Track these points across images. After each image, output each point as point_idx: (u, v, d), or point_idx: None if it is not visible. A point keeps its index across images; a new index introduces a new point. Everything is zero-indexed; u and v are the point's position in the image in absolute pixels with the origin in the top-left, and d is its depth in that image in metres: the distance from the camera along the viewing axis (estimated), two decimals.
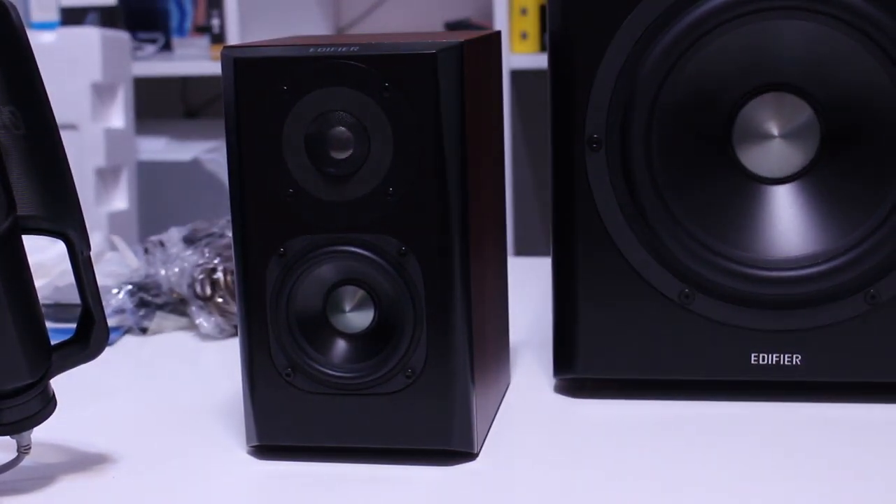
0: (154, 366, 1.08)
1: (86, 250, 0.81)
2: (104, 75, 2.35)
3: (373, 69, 0.80)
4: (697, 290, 0.91)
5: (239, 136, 0.82)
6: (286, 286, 0.83)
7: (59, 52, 2.32)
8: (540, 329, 1.08)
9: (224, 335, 1.13)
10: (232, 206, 0.84)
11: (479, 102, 0.86)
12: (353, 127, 0.81)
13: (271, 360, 0.84)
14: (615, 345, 0.93)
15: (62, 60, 2.31)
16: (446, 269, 0.82)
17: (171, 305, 1.16)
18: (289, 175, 0.82)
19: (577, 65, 0.90)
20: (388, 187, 0.81)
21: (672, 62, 0.90)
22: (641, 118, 0.90)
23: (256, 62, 0.82)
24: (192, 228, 1.21)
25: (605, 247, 0.92)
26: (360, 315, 0.84)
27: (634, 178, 0.91)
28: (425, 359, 0.82)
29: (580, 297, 0.93)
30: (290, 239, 0.83)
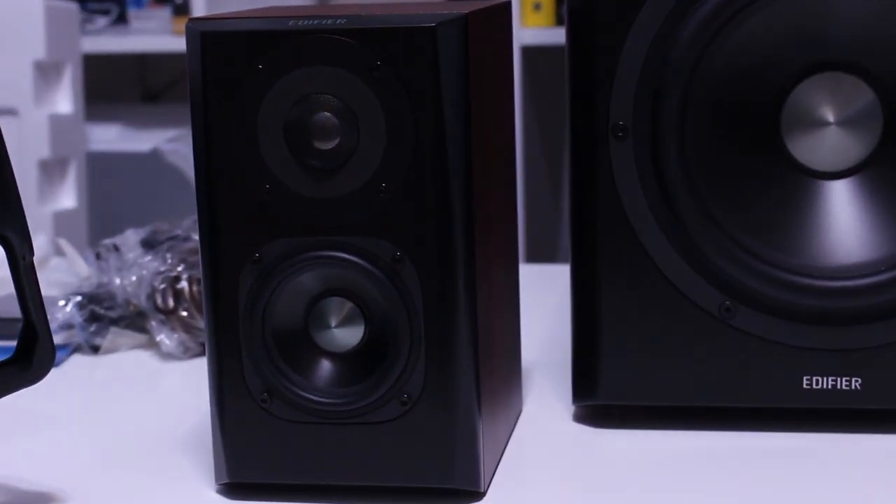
0: (108, 390, 1.08)
1: (28, 255, 0.81)
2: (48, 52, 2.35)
3: (363, 45, 0.80)
4: (740, 302, 0.91)
5: (206, 123, 0.82)
6: (262, 297, 0.83)
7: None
8: (556, 348, 1.09)
9: (189, 354, 1.13)
10: (199, 205, 0.84)
11: (486, 84, 0.86)
12: (340, 112, 0.81)
13: (244, 384, 0.84)
14: (644, 367, 0.93)
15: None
16: (448, 277, 0.82)
17: (127, 320, 1.16)
18: (265, 169, 0.82)
19: (600, 41, 0.91)
20: (381, 182, 0.81)
21: (710, 38, 0.90)
22: (674, 103, 0.90)
23: (227, 37, 0.82)
24: (152, 230, 1.21)
25: (632, 252, 0.92)
26: (347, 331, 0.84)
27: (666, 173, 0.91)
28: (423, 382, 0.82)
29: (603, 311, 0.93)
30: (266, 243, 0.83)
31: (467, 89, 0.81)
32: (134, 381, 1.10)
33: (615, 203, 0.92)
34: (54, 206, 2.40)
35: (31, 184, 2.32)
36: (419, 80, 0.80)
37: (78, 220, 2.44)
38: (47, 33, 2.33)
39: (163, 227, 1.22)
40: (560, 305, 1.14)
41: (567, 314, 0.95)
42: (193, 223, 1.21)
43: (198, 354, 1.13)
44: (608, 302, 0.93)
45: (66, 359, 1.14)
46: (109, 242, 1.20)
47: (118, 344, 1.15)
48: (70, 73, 2.41)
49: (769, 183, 0.92)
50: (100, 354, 1.15)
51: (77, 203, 2.43)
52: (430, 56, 0.79)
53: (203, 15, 1.00)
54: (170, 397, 1.06)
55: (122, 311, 1.16)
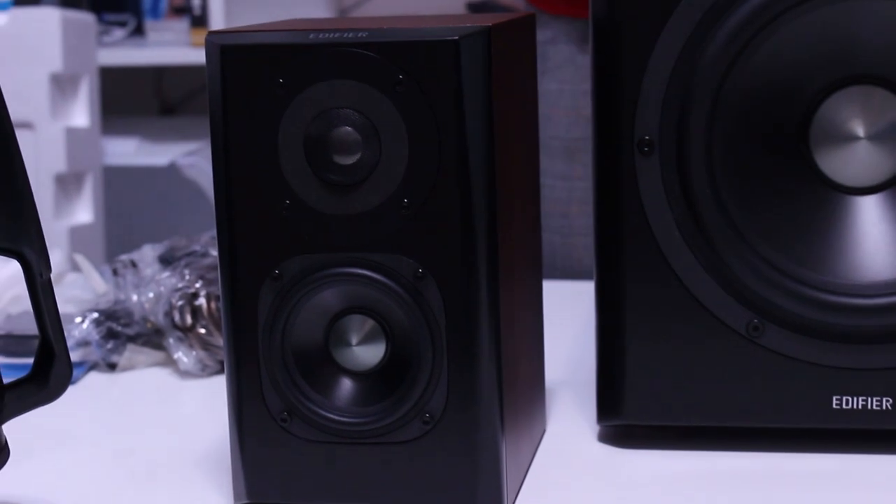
0: (125, 408, 1.08)
1: (45, 272, 0.81)
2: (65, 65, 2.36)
3: (384, 59, 0.80)
4: (768, 320, 0.91)
5: (225, 137, 0.83)
6: (281, 315, 0.83)
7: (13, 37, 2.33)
8: (581, 366, 1.08)
9: (207, 372, 1.13)
10: (217, 220, 0.84)
11: (510, 98, 0.86)
12: (361, 127, 0.81)
13: (264, 403, 0.84)
14: (670, 386, 0.93)
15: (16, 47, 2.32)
16: (471, 295, 0.82)
17: (144, 337, 1.17)
18: (285, 184, 0.82)
19: (625, 53, 0.91)
20: (403, 198, 0.81)
21: (738, 50, 0.90)
22: (701, 117, 0.90)
23: (246, 50, 0.82)
24: (170, 246, 1.21)
25: (658, 269, 0.92)
26: (368, 349, 0.84)
27: (693, 188, 0.91)
28: (446, 401, 0.82)
29: (628, 329, 0.93)
30: (286, 259, 0.83)
31: (490, 103, 0.81)
32: (151, 400, 1.10)
33: (641, 219, 0.92)
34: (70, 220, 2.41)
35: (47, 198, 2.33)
36: (442, 93, 0.80)
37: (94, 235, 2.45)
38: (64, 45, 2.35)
39: (181, 242, 1.22)
40: (584, 323, 1.13)
41: (591, 332, 0.95)
42: (212, 239, 1.21)
43: (216, 372, 1.13)
44: (633, 319, 0.93)
45: (82, 376, 1.14)
46: (126, 258, 1.20)
47: (135, 361, 1.15)
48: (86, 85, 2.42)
49: (798, 199, 0.91)
50: (117, 372, 1.15)
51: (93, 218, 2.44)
52: (452, 70, 0.79)
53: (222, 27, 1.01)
54: (187, 416, 1.07)
55: (140, 328, 1.16)
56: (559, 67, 1.46)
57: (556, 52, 1.46)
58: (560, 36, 1.46)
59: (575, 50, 1.45)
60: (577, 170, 1.45)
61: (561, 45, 1.46)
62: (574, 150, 1.45)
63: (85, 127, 2.43)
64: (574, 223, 1.46)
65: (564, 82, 1.46)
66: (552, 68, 1.46)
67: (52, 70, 2.35)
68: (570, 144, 1.46)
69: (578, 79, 1.45)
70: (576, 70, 1.45)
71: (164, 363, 1.16)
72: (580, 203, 1.45)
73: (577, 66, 1.45)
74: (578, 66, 1.45)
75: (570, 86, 1.46)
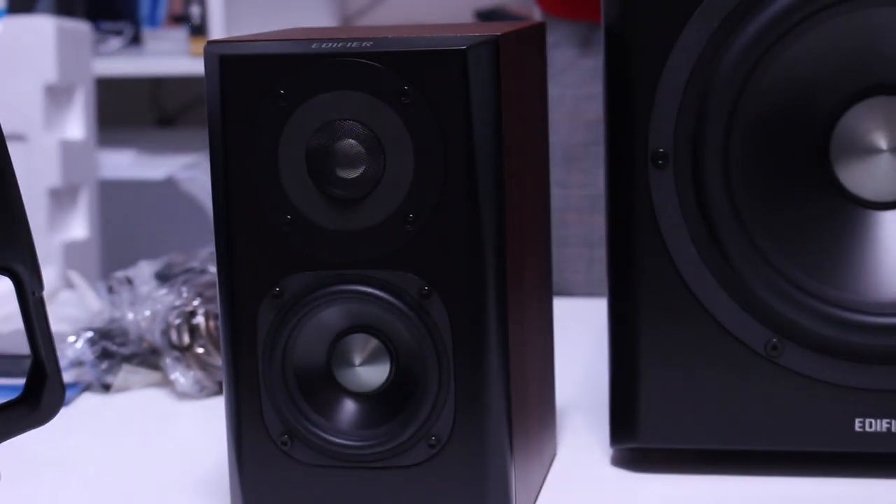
0: (119, 431, 1.08)
1: (37, 290, 0.81)
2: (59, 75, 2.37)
3: (389, 69, 0.80)
4: (787, 339, 0.91)
5: (225, 150, 0.83)
6: (282, 334, 0.83)
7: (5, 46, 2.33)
8: (593, 387, 1.08)
9: (205, 394, 1.13)
10: (216, 236, 0.84)
11: (520, 109, 0.86)
12: (365, 139, 0.81)
13: (263, 426, 0.84)
14: (686, 408, 0.93)
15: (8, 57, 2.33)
16: (479, 313, 0.82)
17: (140, 357, 1.17)
18: (286, 198, 0.82)
19: (639, 63, 0.91)
20: (408, 213, 0.81)
21: (755, 60, 0.90)
22: (718, 129, 0.90)
23: (247, 60, 0.82)
24: (167, 262, 1.21)
25: (673, 286, 0.92)
26: (372, 370, 0.84)
27: (709, 203, 0.91)
28: (452, 424, 0.82)
29: (642, 349, 0.93)
30: (287, 276, 0.83)
31: (499, 115, 0.81)
32: (147, 422, 1.10)
33: (655, 234, 0.91)
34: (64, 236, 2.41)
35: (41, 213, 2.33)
36: (449, 105, 0.80)
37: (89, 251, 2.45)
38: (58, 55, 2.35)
39: (178, 259, 1.22)
40: (597, 342, 1.13)
41: (604, 351, 0.95)
42: (210, 255, 1.21)
43: (214, 393, 1.13)
44: (648, 338, 0.93)
45: (76, 397, 1.14)
46: (122, 275, 1.20)
47: (131, 382, 1.15)
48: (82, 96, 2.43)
49: (818, 213, 0.91)
50: (111, 393, 1.15)
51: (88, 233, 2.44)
52: (460, 80, 0.80)
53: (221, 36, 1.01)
54: (185, 439, 1.06)
55: (135, 348, 1.16)
56: (561, 72, 1.46)
57: (557, 56, 1.46)
58: (562, 40, 1.46)
59: (577, 54, 1.45)
60: (576, 177, 1.45)
61: (563, 49, 1.46)
62: (573, 157, 1.45)
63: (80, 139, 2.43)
64: (571, 233, 1.45)
65: (566, 87, 1.46)
66: (553, 73, 1.46)
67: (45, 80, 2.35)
68: (570, 151, 1.45)
69: (580, 83, 1.45)
70: (577, 74, 1.45)
71: (160, 384, 1.16)
72: (578, 212, 1.45)
73: (578, 71, 1.45)
74: (580, 70, 1.45)
75: (572, 90, 1.46)
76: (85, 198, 2.45)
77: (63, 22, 2.41)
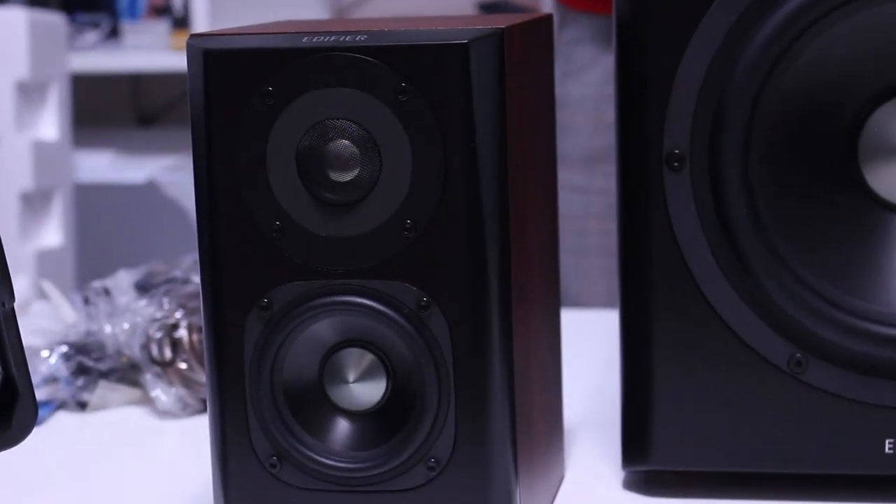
0: (96, 452, 1.08)
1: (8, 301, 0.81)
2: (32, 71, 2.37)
3: (386, 65, 0.80)
4: (813, 355, 0.91)
5: (209, 151, 0.83)
6: (271, 348, 0.83)
7: None
8: (603, 405, 1.08)
9: (188, 412, 1.13)
10: (200, 243, 0.84)
11: (525, 108, 0.86)
12: (360, 140, 0.81)
13: (251, 446, 0.84)
14: (703, 428, 0.93)
15: None
16: (481, 326, 0.82)
17: (118, 373, 1.17)
18: (275, 203, 0.82)
19: (653, 58, 0.91)
20: (405, 219, 0.81)
21: (778, 54, 0.90)
22: (737, 129, 0.90)
23: (233, 55, 0.82)
24: (147, 272, 1.21)
25: (690, 298, 0.92)
26: (367, 387, 0.84)
27: (728, 207, 0.91)
28: (453, 445, 0.82)
29: (657, 364, 0.93)
30: (276, 287, 0.83)
31: (503, 114, 0.81)
32: (126, 442, 1.10)
33: (670, 242, 0.91)
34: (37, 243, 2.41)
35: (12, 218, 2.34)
36: (449, 103, 0.80)
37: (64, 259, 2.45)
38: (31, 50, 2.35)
39: (159, 267, 1.22)
40: (609, 356, 1.13)
41: (615, 367, 0.95)
42: (194, 264, 1.21)
43: (198, 412, 1.13)
44: (662, 353, 0.93)
45: (49, 416, 1.14)
46: (99, 285, 1.20)
47: (108, 400, 1.15)
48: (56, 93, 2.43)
49: (845, 219, 0.91)
50: (87, 412, 1.15)
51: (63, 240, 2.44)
52: (461, 77, 0.80)
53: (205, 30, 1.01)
54: (166, 461, 1.06)
55: (113, 363, 1.16)
56: (582, 70, 1.46)
57: (578, 52, 1.46)
58: (583, 35, 1.46)
59: (599, 50, 1.45)
60: (597, 181, 1.45)
61: (583, 46, 1.46)
62: (595, 160, 1.45)
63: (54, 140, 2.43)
64: (590, 242, 1.45)
65: (587, 86, 1.46)
66: (574, 71, 1.46)
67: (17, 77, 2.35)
68: (591, 153, 1.45)
69: (602, 82, 1.45)
70: (600, 72, 1.45)
71: (140, 402, 1.16)
72: (599, 219, 1.45)
73: (601, 69, 1.45)
74: (603, 68, 1.45)
75: (594, 89, 1.46)
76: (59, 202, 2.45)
77: (36, 14, 2.41)
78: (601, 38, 1.45)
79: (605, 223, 1.44)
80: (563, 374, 0.99)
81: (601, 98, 1.45)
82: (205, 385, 0.99)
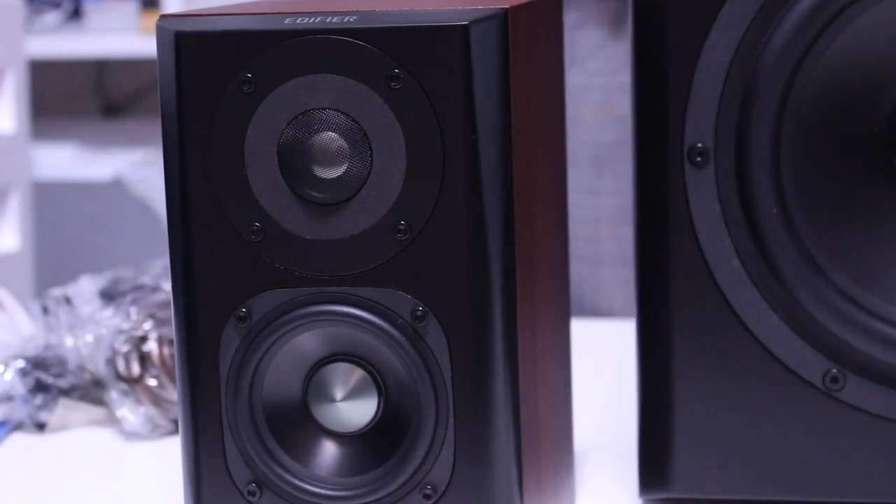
0: (56, 477, 1.08)
1: None
2: None
3: (377, 49, 0.80)
4: (850, 370, 0.91)
5: (182, 144, 0.83)
6: (250, 363, 0.83)
7: None
8: (617, 426, 1.08)
9: (158, 433, 1.13)
10: (171, 247, 0.84)
11: (532, 97, 0.86)
12: (348, 132, 0.81)
13: (227, 472, 0.84)
14: (728, 450, 0.93)
15: None
16: (483, 339, 0.82)
17: (81, 390, 1.17)
18: (254, 202, 0.82)
19: (673, 44, 0.91)
20: (399, 220, 0.81)
21: (811, 39, 0.90)
22: (766, 121, 0.90)
23: (207, 38, 0.82)
24: (113, 278, 1.21)
25: (714, 307, 0.92)
26: (356, 406, 0.84)
27: (756, 207, 0.91)
28: (452, 470, 0.82)
29: (677, 381, 0.93)
30: (255, 295, 0.83)
31: (508, 103, 0.81)
32: (89, 467, 1.10)
33: (691, 243, 0.91)
34: None
35: None
36: (448, 91, 0.80)
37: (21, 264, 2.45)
38: None
39: (126, 273, 1.22)
40: (621, 372, 1.13)
41: (630, 384, 0.95)
42: (164, 269, 1.21)
43: (169, 433, 1.13)
44: (683, 369, 0.93)
45: (5, 438, 1.14)
46: (59, 293, 1.20)
47: (70, 420, 1.15)
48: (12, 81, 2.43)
49: (886, 221, 0.91)
50: (47, 433, 1.15)
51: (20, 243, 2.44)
52: (461, 62, 0.80)
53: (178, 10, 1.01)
54: (133, 487, 1.06)
55: (75, 380, 1.16)
56: (587, 57, 1.46)
57: (582, 38, 1.47)
58: (588, 19, 1.47)
59: (605, 36, 1.46)
60: (608, 182, 1.45)
61: (589, 30, 1.46)
62: (604, 159, 1.45)
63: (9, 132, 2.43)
64: (603, 249, 1.46)
65: (593, 75, 1.46)
66: (579, 58, 1.46)
67: None
68: (600, 151, 1.45)
69: (609, 70, 1.45)
70: (607, 60, 1.46)
71: (104, 422, 1.16)
72: (611, 224, 1.45)
73: (608, 56, 1.45)
74: (610, 55, 1.45)
75: (600, 79, 1.46)
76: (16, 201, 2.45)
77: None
78: (609, 23, 1.46)
79: (618, 229, 1.44)
80: (574, 392, 0.99)
81: (610, 89, 1.45)
82: (176, 404, 0.98)
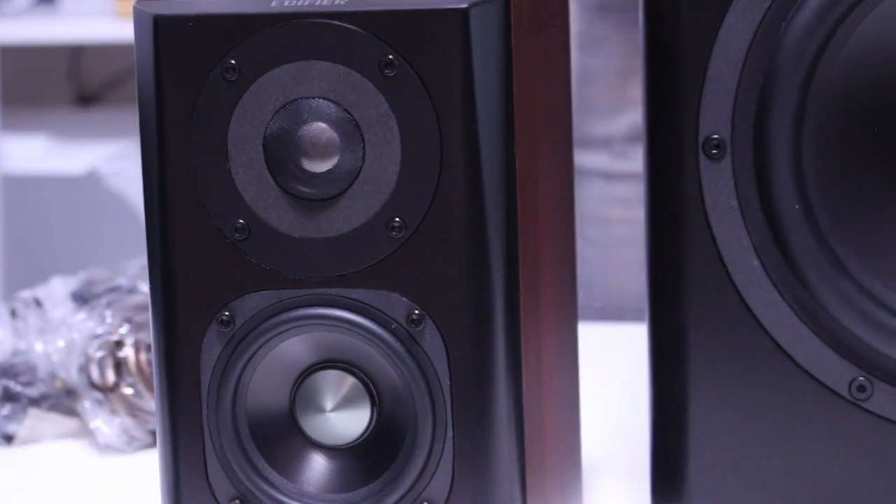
0: (25, 493, 1.08)
1: None
2: None
3: (371, 34, 0.80)
4: (878, 378, 0.91)
5: (161, 136, 0.83)
6: (233, 371, 0.83)
7: None
8: (627, 437, 1.08)
9: (134, 446, 1.13)
10: (149, 245, 0.84)
11: (536, 84, 0.86)
12: (339, 123, 0.81)
13: (208, 487, 0.85)
14: (746, 464, 0.93)
15: None
16: (483, 344, 0.82)
17: (52, 400, 1.16)
18: (238, 198, 0.82)
19: (687, 29, 0.91)
20: (393, 217, 0.81)
21: (834, 24, 0.90)
22: (788, 108, 0.90)
23: (188, 22, 0.82)
24: (87, 279, 1.21)
25: (732, 310, 0.92)
26: (348, 417, 0.84)
27: (777, 203, 0.91)
28: (451, 485, 0.82)
29: (692, 388, 0.93)
30: (239, 297, 0.83)
31: (510, 91, 0.81)
32: (60, 482, 1.10)
33: (707, 243, 0.91)
34: None
35: None
36: (446, 78, 0.80)
37: None
38: None
39: (101, 274, 1.22)
40: (634, 379, 1.13)
41: (643, 391, 0.95)
42: (142, 269, 1.21)
43: (146, 446, 1.13)
44: (699, 376, 0.93)
45: None
46: (29, 295, 1.20)
47: (40, 432, 1.15)
48: None
49: None
50: (15, 445, 1.15)
51: None
52: (460, 47, 0.80)
53: None
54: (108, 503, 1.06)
55: (46, 388, 1.16)
56: (599, 40, 1.47)
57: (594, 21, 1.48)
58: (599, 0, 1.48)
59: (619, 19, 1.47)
60: (619, 164, 1.46)
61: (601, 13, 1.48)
62: (615, 140, 1.47)
63: None
64: (614, 232, 1.46)
65: (607, 57, 1.47)
66: (590, 42, 1.48)
67: None
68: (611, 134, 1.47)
69: (623, 55, 1.46)
70: (619, 45, 1.47)
71: (77, 434, 1.16)
72: (623, 205, 1.46)
73: (621, 40, 1.46)
74: (623, 39, 1.46)
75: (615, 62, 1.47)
76: None
77: None
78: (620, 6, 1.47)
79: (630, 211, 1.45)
80: (582, 400, 0.99)
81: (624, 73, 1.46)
82: (154, 414, 0.98)
